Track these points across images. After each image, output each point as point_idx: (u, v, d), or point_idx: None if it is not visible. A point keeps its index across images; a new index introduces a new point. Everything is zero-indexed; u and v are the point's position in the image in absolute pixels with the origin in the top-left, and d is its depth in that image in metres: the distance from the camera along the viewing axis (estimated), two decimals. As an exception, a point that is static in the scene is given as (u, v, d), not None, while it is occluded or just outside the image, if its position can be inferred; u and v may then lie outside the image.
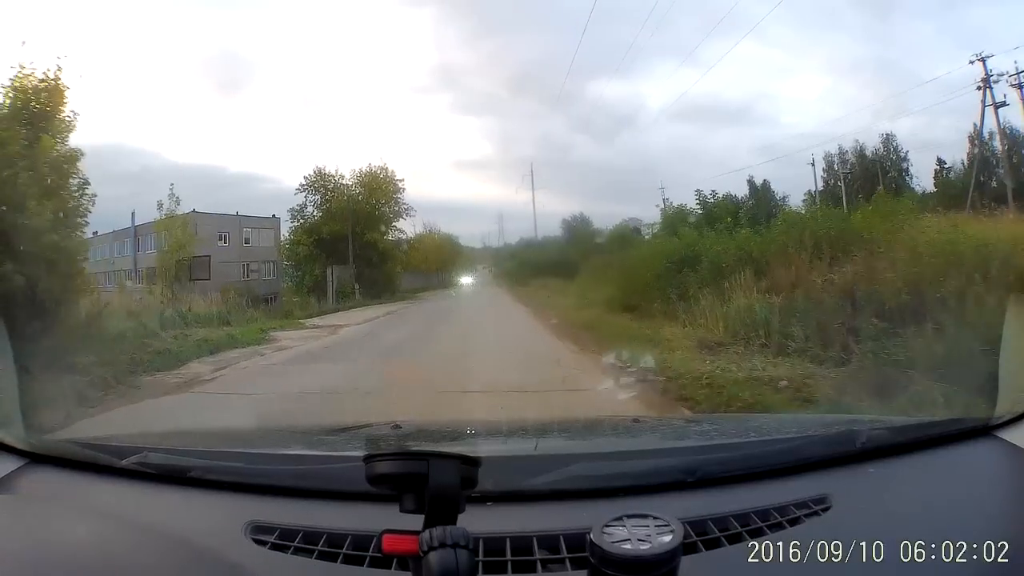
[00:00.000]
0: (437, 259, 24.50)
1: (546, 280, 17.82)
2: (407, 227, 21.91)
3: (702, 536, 1.07)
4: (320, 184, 20.02)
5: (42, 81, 9.20)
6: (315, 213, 20.14)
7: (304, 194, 19.94)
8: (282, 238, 20.34)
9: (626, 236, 17.53)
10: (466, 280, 24.81)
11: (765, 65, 20.67)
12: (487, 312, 16.39)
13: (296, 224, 20.12)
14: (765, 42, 21.31)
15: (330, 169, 20.21)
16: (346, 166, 21.36)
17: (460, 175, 26.13)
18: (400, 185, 20.54)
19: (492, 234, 26.97)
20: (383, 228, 20.65)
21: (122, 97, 22.18)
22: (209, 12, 24.95)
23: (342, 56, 23.81)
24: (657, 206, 17.36)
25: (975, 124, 12.82)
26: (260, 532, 1.13)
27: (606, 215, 19.61)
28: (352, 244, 19.60)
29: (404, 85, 28.72)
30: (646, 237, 17.31)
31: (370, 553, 1.05)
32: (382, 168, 20.59)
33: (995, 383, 1.62)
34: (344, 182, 20.14)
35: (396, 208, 21.05)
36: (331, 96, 24.69)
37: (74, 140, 9.60)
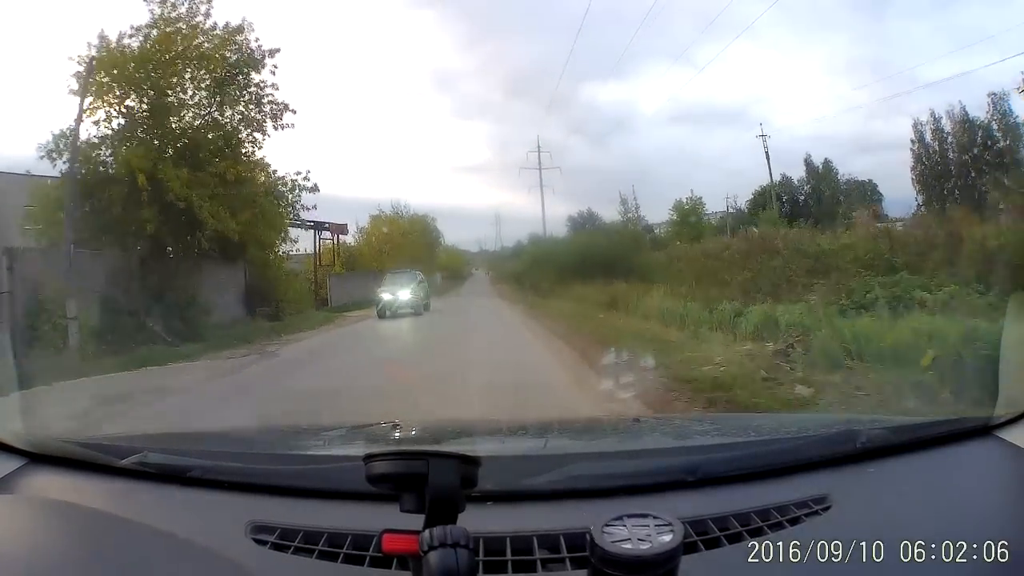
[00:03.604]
0: (400, 252, 14.94)
1: (586, 285, 10.94)
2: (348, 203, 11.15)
3: (702, 536, 1.07)
4: (117, 74, 8.96)
5: None
6: (95, 140, 9.17)
7: (81, 99, 8.88)
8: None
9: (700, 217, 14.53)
10: (403, 294, 13.77)
11: (759, 67, 20.64)
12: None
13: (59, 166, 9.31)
14: (759, 44, 21.34)
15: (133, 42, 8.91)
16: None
17: (453, 179, 25.36)
18: (268, 62, 9.24)
19: (486, 239, 25.39)
20: (217, 160, 8.90)
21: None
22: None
23: (337, 60, 23.22)
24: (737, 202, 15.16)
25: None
26: (260, 532, 1.13)
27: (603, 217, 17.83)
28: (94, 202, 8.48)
29: (398, 89, 28.39)
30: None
31: (370, 553, 1.05)
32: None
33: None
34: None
35: (259, 111, 9.39)
36: (327, 99, 23.88)
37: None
